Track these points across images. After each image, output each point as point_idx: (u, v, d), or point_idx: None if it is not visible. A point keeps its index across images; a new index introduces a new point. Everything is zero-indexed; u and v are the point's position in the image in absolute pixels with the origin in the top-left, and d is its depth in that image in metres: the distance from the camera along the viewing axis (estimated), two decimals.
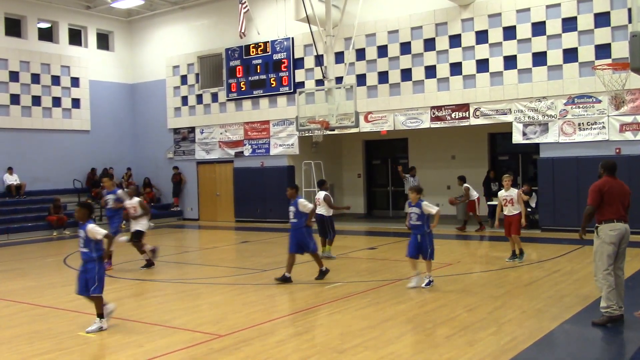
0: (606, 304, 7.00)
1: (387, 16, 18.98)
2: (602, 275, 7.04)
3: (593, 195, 7.17)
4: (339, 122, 16.79)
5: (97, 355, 6.53)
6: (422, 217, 9.44)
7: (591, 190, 7.23)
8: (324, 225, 12.74)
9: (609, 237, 7.06)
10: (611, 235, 7.06)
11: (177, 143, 24.46)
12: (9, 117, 21.80)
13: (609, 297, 6.98)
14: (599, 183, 7.24)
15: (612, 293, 6.98)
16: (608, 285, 6.99)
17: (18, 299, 9.74)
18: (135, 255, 12.85)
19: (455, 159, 21.29)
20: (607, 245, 7.06)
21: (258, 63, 21.82)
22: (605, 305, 7.00)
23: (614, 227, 7.09)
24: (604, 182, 7.23)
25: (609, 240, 7.06)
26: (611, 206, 7.11)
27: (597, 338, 6.77)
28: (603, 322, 6.98)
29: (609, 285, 6.99)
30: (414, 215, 9.49)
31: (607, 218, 7.11)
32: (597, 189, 7.17)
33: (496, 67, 17.13)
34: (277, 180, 21.44)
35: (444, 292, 9.17)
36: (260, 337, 6.97)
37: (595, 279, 7.21)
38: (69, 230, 20.50)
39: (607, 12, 15.51)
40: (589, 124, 15.89)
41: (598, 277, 7.12)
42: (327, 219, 12.76)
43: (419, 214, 9.43)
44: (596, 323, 7.04)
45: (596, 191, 7.16)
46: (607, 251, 7.05)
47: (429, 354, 6.21)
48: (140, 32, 25.55)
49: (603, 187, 7.16)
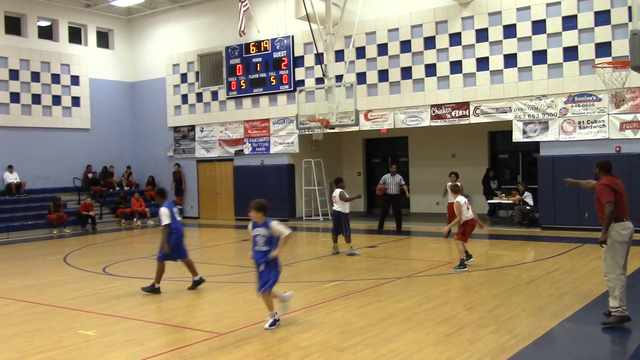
0: (618, 304, 6.90)
1: (387, 14, 18.97)
2: (615, 276, 6.93)
3: (608, 191, 6.96)
4: (339, 120, 16.79)
5: (97, 354, 6.53)
6: (271, 240, 7.28)
7: (604, 188, 7.02)
8: (340, 222, 12.96)
9: (621, 236, 6.95)
10: (623, 234, 6.96)
11: (177, 141, 24.46)
12: (9, 115, 21.79)
13: (621, 298, 6.88)
14: (608, 181, 7.05)
15: (624, 293, 6.90)
16: (621, 285, 6.90)
17: (18, 297, 9.74)
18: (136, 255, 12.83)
19: (455, 157, 21.29)
20: (619, 245, 6.95)
21: (258, 61, 21.81)
22: (617, 305, 6.90)
23: (624, 226, 6.99)
24: (611, 180, 7.07)
25: (622, 239, 6.95)
26: (621, 204, 6.98)
27: (597, 336, 6.77)
28: (615, 322, 6.88)
29: (622, 286, 6.90)
30: (261, 238, 7.31)
31: (618, 216, 6.95)
32: (608, 186, 6.99)
33: (496, 66, 17.12)
34: (277, 179, 21.47)
35: (444, 291, 9.17)
36: (260, 336, 6.98)
37: (607, 278, 7.04)
38: (69, 229, 20.52)
39: (607, 10, 15.50)
40: (589, 122, 15.89)
41: (610, 277, 6.98)
42: (343, 215, 12.98)
43: (266, 236, 7.28)
44: (608, 323, 6.92)
45: (610, 188, 6.97)
46: (620, 251, 6.95)
47: (429, 352, 6.22)
48: (140, 31, 25.54)
49: (613, 185, 7.00)
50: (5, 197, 20.99)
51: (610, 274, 6.99)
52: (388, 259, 12.61)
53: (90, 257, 14.71)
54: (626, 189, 7.25)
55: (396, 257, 12.76)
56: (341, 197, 12.96)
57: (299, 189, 21.69)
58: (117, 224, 22.14)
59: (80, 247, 16.65)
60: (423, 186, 21.64)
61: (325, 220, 21.24)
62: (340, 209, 12.95)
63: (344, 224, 12.93)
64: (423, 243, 15.12)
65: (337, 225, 13.06)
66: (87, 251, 15.86)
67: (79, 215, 20.99)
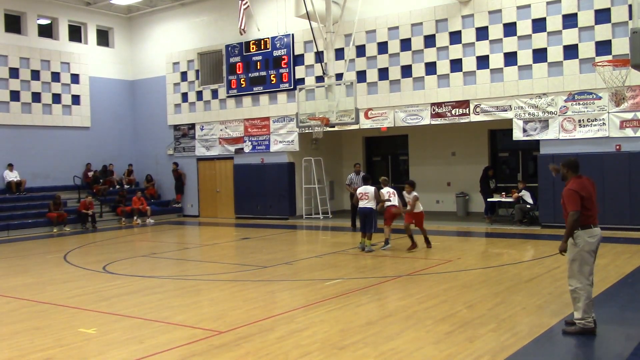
0: (581, 315, 6.55)
1: (387, 12, 18.96)
2: (581, 286, 6.53)
3: (575, 198, 6.51)
4: (339, 118, 16.80)
5: (97, 352, 6.54)
6: None
7: (570, 194, 6.55)
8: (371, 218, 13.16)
9: (589, 244, 6.55)
10: (591, 242, 6.56)
11: (177, 140, 24.46)
12: (9, 113, 21.78)
13: (585, 310, 6.52)
14: (576, 187, 6.59)
15: (589, 305, 6.54)
16: (587, 297, 6.52)
17: (18, 295, 9.75)
18: (136, 253, 12.84)
19: (455, 156, 21.31)
20: (586, 254, 6.55)
21: (258, 59, 21.80)
22: (581, 317, 6.56)
23: (592, 233, 6.58)
24: (580, 184, 6.63)
25: (589, 248, 6.55)
26: (589, 210, 6.56)
27: (596, 334, 6.76)
28: (576, 332, 6.58)
29: (588, 297, 6.53)
30: None
31: (584, 224, 6.54)
32: (576, 192, 6.53)
33: (496, 64, 17.12)
34: (277, 177, 21.47)
35: (444, 289, 9.18)
36: (260, 334, 6.98)
37: (572, 289, 6.64)
38: (69, 227, 20.53)
39: (607, 8, 15.48)
40: (589, 120, 15.89)
41: (576, 287, 6.57)
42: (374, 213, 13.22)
43: None
44: (568, 332, 6.64)
45: (576, 194, 6.51)
46: (587, 261, 6.55)
47: (429, 350, 6.22)
48: (140, 29, 25.53)
49: (581, 191, 6.55)
50: (5, 196, 20.98)
51: (576, 284, 6.58)
52: (388, 257, 12.61)
53: (91, 255, 14.72)
54: (626, 188, 7.17)
55: (396, 255, 12.77)
56: (375, 196, 13.10)
57: (299, 187, 21.69)
58: (117, 222, 22.15)
59: (81, 245, 16.66)
60: (423, 184, 21.59)
61: (325, 218, 21.27)
62: (372, 205, 13.13)
63: (374, 221, 13.19)
64: (423, 241, 15.10)
65: (366, 221, 13.18)
66: (87, 249, 15.88)
67: (79, 213, 21.00)
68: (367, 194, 13.19)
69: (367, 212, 13.17)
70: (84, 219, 20.91)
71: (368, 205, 13.13)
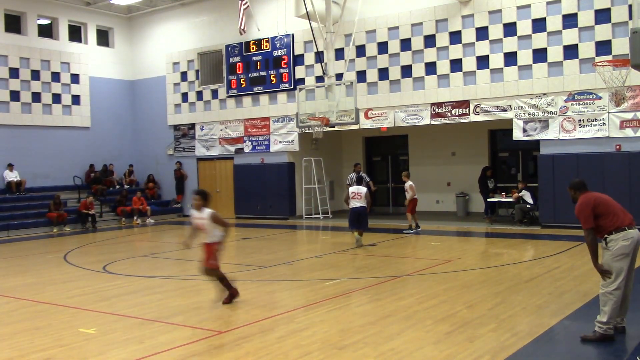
0: (606, 319, 6.28)
1: (387, 12, 18.95)
2: (610, 290, 6.24)
3: (585, 213, 6.24)
4: (339, 118, 16.80)
5: (97, 352, 6.54)
6: None
7: (580, 210, 6.31)
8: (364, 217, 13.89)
9: (622, 247, 6.19)
10: (625, 245, 6.20)
11: (177, 140, 24.46)
12: (9, 113, 21.78)
13: (611, 315, 6.26)
14: (584, 201, 6.34)
15: (616, 310, 6.28)
16: (615, 301, 6.24)
17: (18, 295, 9.75)
18: (136, 253, 12.84)
19: (455, 156, 21.30)
20: (621, 258, 6.20)
21: (258, 59, 21.80)
22: (606, 321, 6.28)
23: (627, 235, 6.21)
24: (589, 197, 6.37)
25: (622, 251, 6.19)
26: (615, 214, 6.26)
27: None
28: (596, 339, 6.32)
29: (616, 302, 6.24)
30: None
31: (617, 227, 6.20)
32: (586, 207, 6.28)
33: (496, 64, 17.11)
34: (277, 177, 21.47)
35: (444, 289, 9.18)
36: (260, 334, 6.98)
37: (602, 292, 6.35)
38: (69, 227, 20.53)
39: (607, 8, 15.48)
40: (589, 120, 15.88)
41: (606, 289, 6.29)
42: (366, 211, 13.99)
43: None
44: (587, 339, 6.37)
45: (586, 209, 6.26)
46: (622, 265, 6.21)
47: (429, 350, 6.22)
48: (140, 29, 25.53)
49: (590, 202, 6.29)
50: (5, 196, 20.98)
51: (607, 286, 6.30)
52: (388, 257, 12.62)
53: (91, 255, 14.73)
54: (626, 188, 7.15)
55: (396, 255, 12.77)
56: (366, 196, 13.85)
57: (299, 187, 21.69)
58: (117, 222, 22.15)
59: (81, 245, 16.66)
60: (423, 184, 21.60)
61: (325, 218, 21.26)
62: (364, 204, 13.78)
63: (366, 219, 13.93)
64: (423, 241, 15.11)
65: (360, 219, 13.78)
66: (88, 249, 15.88)
67: (79, 213, 21.00)
68: (360, 193, 13.77)
69: (361, 211, 13.72)
70: (84, 219, 20.91)
71: (361, 205, 13.69)
